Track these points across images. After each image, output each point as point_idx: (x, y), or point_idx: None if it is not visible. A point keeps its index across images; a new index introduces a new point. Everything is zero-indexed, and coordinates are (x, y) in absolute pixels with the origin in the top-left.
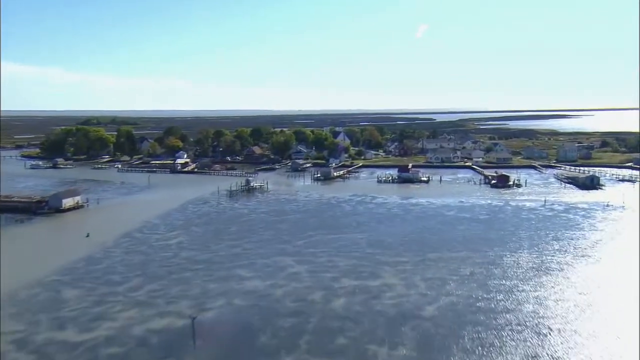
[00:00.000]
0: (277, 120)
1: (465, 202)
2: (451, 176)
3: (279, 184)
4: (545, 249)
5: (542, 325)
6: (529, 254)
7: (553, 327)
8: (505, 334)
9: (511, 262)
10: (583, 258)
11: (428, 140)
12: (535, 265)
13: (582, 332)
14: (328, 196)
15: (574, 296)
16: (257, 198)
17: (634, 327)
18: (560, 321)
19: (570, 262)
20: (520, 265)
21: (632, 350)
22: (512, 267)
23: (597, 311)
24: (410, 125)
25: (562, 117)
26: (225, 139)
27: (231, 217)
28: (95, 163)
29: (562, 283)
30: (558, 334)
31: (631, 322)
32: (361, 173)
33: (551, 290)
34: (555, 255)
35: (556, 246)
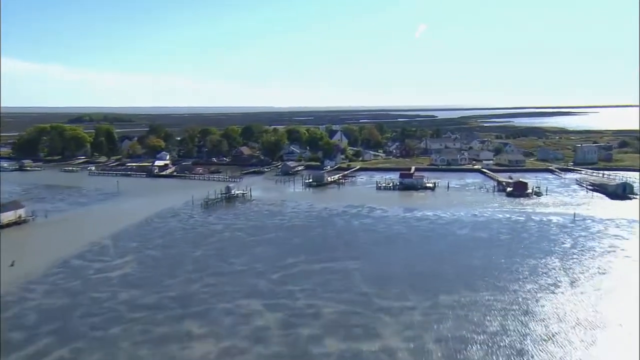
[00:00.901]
0: (276, 117)
1: (479, 215)
2: (459, 181)
3: (265, 190)
4: (592, 289)
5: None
6: (573, 295)
7: None
8: None
9: (551, 309)
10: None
11: (431, 140)
12: (586, 317)
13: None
14: (319, 207)
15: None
16: (236, 209)
17: None
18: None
19: (633, 312)
20: (566, 317)
21: None
22: (554, 318)
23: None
24: (411, 123)
25: (566, 114)
26: (211, 139)
27: (200, 236)
28: (68, 165)
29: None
30: None
31: None
32: (359, 177)
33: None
34: (607, 298)
35: (606, 283)
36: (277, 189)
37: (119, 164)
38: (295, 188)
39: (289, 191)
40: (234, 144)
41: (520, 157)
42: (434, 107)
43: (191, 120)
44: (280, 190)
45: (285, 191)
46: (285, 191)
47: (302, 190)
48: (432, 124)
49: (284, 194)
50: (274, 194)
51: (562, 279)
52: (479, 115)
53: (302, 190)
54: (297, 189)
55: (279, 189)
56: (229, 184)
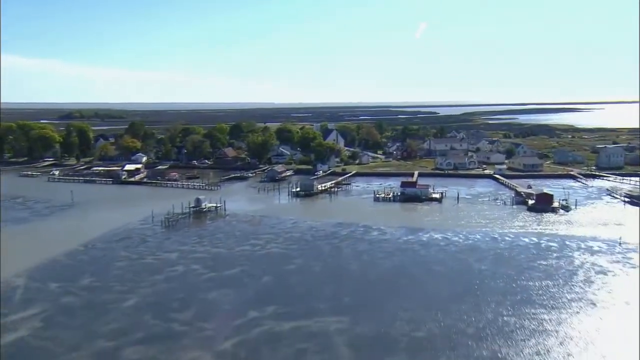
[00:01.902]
0: (274, 113)
1: (500, 239)
2: (469, 190)
3: (245, 201)
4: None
5: None
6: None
7: None
8: None
9: None
10: None
11: (435, 140)
12: None
13: None
14: (304, 225)
15: None
16: (204, 228)
17: None
18: None
19: None
20: None
21: None
22: None
23: None
24: (412, 120)
25: (571, 111)
26: (192, 139)
27: (145, 270)
28: (31, 168)
29: None
30: None
31: None
32: (354, 184)
33: None
34: None
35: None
36: (260, 200)
37: (87, 167)
38: (281, 198)
39: (272, 202)
40: (218, 145)
41: (537, 161)
42: (435, 103)
43: (187, 116)
44: (263, 201)
45: (268, 202)
46: (268, 202)
47: (287, 202)
48: (435, 121)
49: (266, 207)
50: (254, 206)
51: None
52: (482, 112)
53: (287, 201)
54: (282, 200)
55: (262, 200)
56: (199, 197)
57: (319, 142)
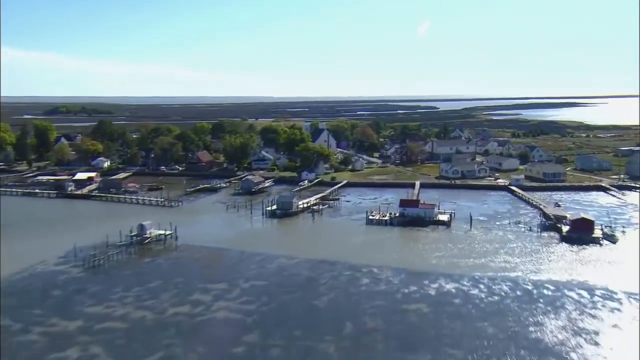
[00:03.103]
0: (271, 108)
1: (536, 292)
2: (482, 207)
3: (208, 223)
4: None
5: None
6: None
7: None
8: None
9: None
10: None
11: (439, 142)
12: None
13: None
14: (272, 266)
15: None
16: (139, 271)
17: None
18: None
19: None
20: None
21: None
22: None
23: None
24: (411, 115)
25: (575, 106)
26: (161, 142)
27: None
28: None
29: None
30: None
31: None
32: (344, 199)
33: None
34: None
35: None
36: (226, 222)
37: (37, 174)
38: (253, 221)
39: (240, 226)
40: (192, 148)
41: (559, 169)
42: (434, 97)
43: (180, 111)
44: (229, 224)
45: (235, 226)
46: (235, 226)
47: (260, 225)
48: (435, 116)
49: (231, 234)
50: (217, 232)
51: None
52: (483, 107)
53: (261, 223)
54: (254, 222)
55: (228, 222)
56: (143, 222)
57: (304, 145)
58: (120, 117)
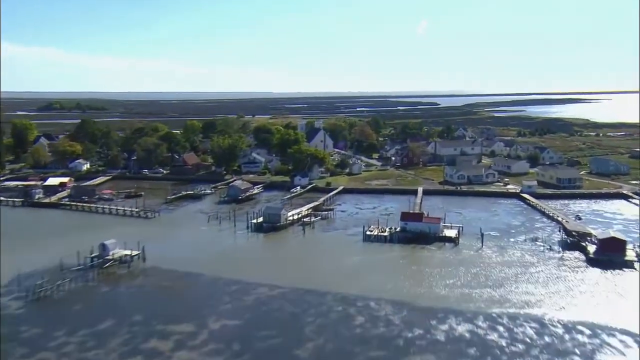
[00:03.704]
0: (270, 104)
1: (568, 337)
2: (493, 219)
3: (181, 242)
4: None
5: None
6: None
7: None
8: None
9: None
10: None
11: (442, 143)
12: None
13: None
14: (250, 299)
15: None
16: (89, 305)
17: None
18: None
19: None
20: None
21: None
22: None
23: None
24: (412, 112)
25: (577, 102)
26: (144, 142)
27: None
28: None
29: None
30: None
31: None
32: (339, 208)
33: None
34: None
35: None
36: (205, 236)
37: (6, 179)
38: (236, 235)
39: (220, 243)
40: (177, 149)
41: (574, 174)
42: (434, 92)
43: (178, 107)
44: (209, 239)
45: (215, 242)
46: (215, 242)
47: (243, 241)
48: (436, 113)
49: (209, 251)
50: (192, 250)
51: None
52: (484, 103)
53: (245, 238)
54: (237, 237)
55: (208, 237)
56: (105, 242)
57: (298, 148)
58: (115, 114)
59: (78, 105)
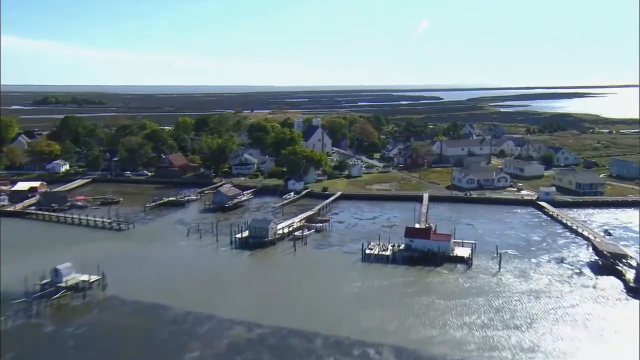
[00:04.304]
0: (271, 98)
1: None
2: (509, 232)
3: (152, 262)
4: None
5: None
6: None
7: None
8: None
9: None
10: None
11: (449, 142)
12: None
13: None
14: (223, 344)
15: None
16: (27, 350)
17: None
18: None
19: None
20: None
21: None
22: None
23: None
24: (415, 107)
25: (583, 96)
26: (128, 142)
27: None
28: None
29: None
30: None
31: None
32: (336, 217)
33: None
34: None
35: None
36: (181, 254)
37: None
38: (218, 251)
39: (198, 263)
40: (164, 149)
41: (596, 178)
42: (436, 86)
43: (177, 101)
44: (185, 259)
45: (191, 262)
46: (191, 262)
47: (226, 259)
48: (439, 108)
49: (182, 275)
50: (164, 271)
51: None
52: (488, 98)
53: (227, 256)
54: (218, 255)
55: (185, 255)
56: (58, 267)
57: (292, 149)
58: (111, 108)
59: (74, 99)
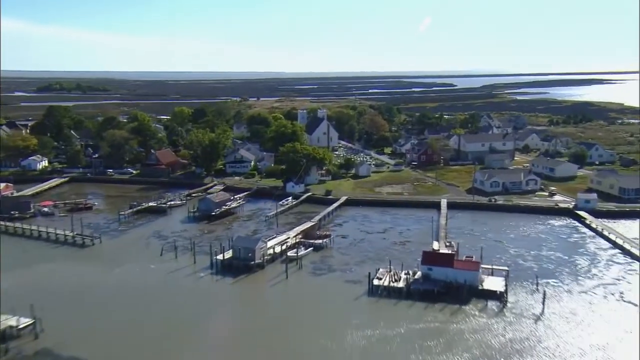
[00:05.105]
0: (279, 84)
1: None
2: (547, 255)
3: (110, 292)
4: None
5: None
6: None
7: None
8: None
9: None
10: None
11: (467, 137)
12: None
13: None
14: None
15: None
16: None
17: None
18: None
19: None
20: None
21: None
22: None
23: None
24: (428, 95)
25: (601, 82)
26: (111, 136)
27: None
28: None
29: None
30: None
31: None
32: (339, 230)
33: None
34: None
35: None
36: (151, 281)
37: None
38: (196, 277)
39: (168, 294)
40: (152, 144)
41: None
42: (449, 72)
43: (184, 88)
44: (154, 288)
45: (159, 294)
46: (159, 294)
47: (203, 288)
48: (453, 96)
49: (146, 314)
50: (121, 309)
51: None
52: (503, 84)
53: (205, 285)
54: (195, 282)
55: (155, 281)
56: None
57: (291, 146)
58: (115, 95)
59: (78, 86)
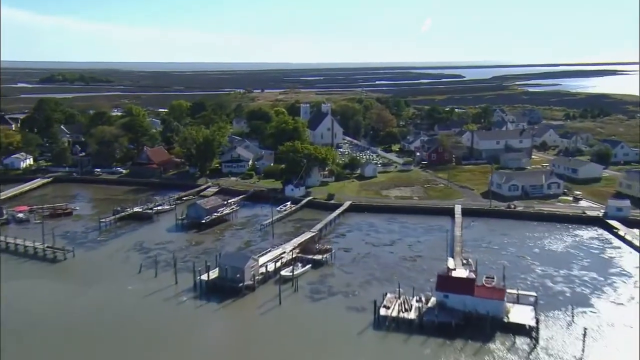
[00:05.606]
0: (285, 75)
1: None
2: (579, 275)
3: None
4: None
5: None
6: None
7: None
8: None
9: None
10: None
11: (481, 134)
12: None
13: None
14: None
15: None
16: None
17: None
18: None
19: None
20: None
21: None
22: None
23: None
24: (436, 87)
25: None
26: (99, 133)
27: None
28: None
29: None
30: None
31: None
32: (342, 241)
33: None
34: None
35: None
36: (123, 308)
37: None
38: (176, 301)
39: (140, 326)
40: (144, 142)
41: None
42: (457, 63)
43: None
44: (125, 317)
45: (130, 324)
46: (130, 324)
47: (182, 318)
48: (462, 87)
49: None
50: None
51: None
52: (513, 75)
53: (184, 312)
54: (174, 309)
55: (127, 309)
56: None
57: (291, 145)
58: (118, 87)
59: (81, 77)
